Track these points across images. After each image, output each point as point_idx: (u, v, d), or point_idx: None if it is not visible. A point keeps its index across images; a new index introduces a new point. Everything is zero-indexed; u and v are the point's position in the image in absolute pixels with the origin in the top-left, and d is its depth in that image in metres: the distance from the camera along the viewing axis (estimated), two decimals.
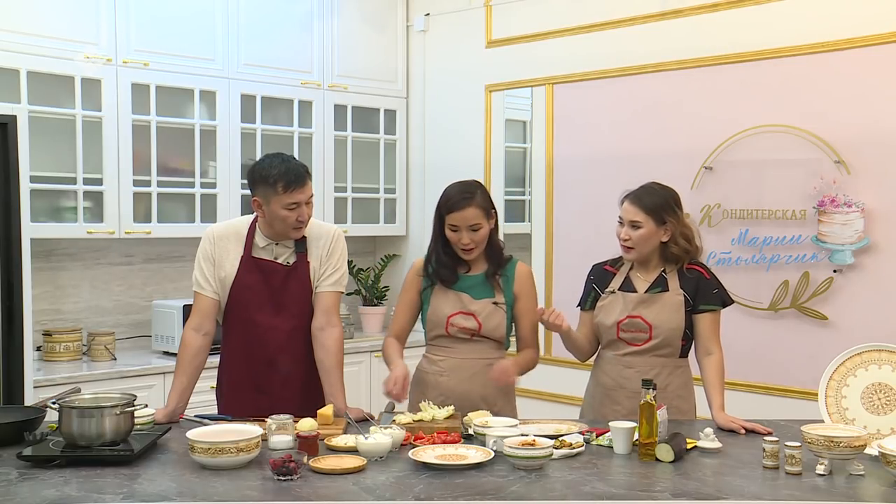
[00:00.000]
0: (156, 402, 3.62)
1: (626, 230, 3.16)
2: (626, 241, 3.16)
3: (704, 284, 3.18)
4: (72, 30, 4.39)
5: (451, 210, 3.16)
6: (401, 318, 3.36)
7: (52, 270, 4.67)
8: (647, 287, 3.19)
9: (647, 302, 3.17)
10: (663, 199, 3.16)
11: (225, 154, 4.94)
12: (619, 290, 3.22)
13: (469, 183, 3.26)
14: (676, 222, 3.17)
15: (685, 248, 3.18)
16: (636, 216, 3.13)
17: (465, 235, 3.16)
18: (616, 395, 3.18)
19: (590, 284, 3.32)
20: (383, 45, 5.65)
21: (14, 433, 2.72)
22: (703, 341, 3.17)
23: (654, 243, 3.17)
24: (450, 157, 5.57)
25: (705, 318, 3.17)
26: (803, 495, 2.33)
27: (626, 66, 4.75)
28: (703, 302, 3.17)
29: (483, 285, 3.25)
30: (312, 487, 2.35)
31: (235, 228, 3.25)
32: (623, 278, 3.25)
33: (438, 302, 3.25)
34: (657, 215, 3.13)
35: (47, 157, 4.38)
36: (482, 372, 3.19)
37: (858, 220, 4.01)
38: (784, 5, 4.23)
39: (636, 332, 3.17)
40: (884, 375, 2.86)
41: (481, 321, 3.21)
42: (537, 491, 2.36)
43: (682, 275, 3.19)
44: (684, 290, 3.16)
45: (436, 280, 3.26)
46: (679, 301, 3.15)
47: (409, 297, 3.34)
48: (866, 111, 4.01)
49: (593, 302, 3.29)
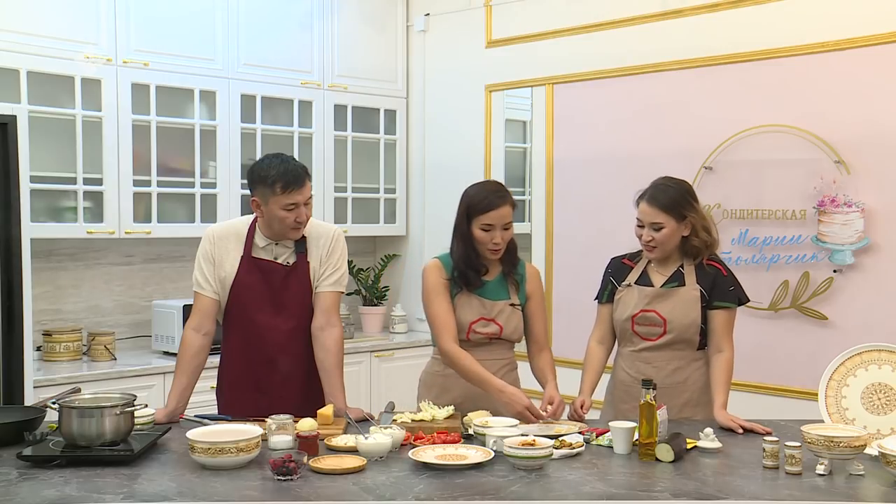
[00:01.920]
0: (156, 402, 3.62)
1: (648, 232, 3.13)
2: (650, 241, 3.14)
3: (721, 281, 3.17)
4: (72, 30, 4.39)
5: (488, 209, 3.11)
6: (451, 323, 3.15)
7: (52, 270, 4.67)
8: (664, 282, 3.18)
9: (662, 296, 3.16)
10: (680, 195, 3.14)
11: (225, 154, 4.94)
12: (635, 283, 3.22)
13: (495, 182, 3.26)
14: (696, 215, 3.15)
15: (706, 240, 3.16)
16: (656, 217, 3.11)
17: (498, 234, 3.12)
18: (635, 391, 3.16)
19: (607, 277, 3.31)
20: (383, 45, 5.65)
21: (14, 433, 2.72)
22: (716, 338, 3.16)
23: (677, 240, 3.15)
24: (450, 157, 5.57)
25: (719, 315, 3.16)
26: (803, 495, 2.33)
27: (626, 66, 4.75)
28: (718, 298, 3.15)
29: (499, 286, 3.23)
30: (312, 487, 2.35)
31: (235, 228, 3.25)
32: (640, 272, 3.24)
33: (461, 308, 3.19)
34: (677, 213, 3.11)
35: (47, 157, 4.38)
36: (499, 373, 3.17)
37: (858, 220, 4.01)
38: (784, 5, 4.23)
39: (651, 327, 3.16)
40: (884, 375, 2.86)
41: (502, 324, 3.19)
42: (537, 491, 2.36)
43: (701, 269, 3.18)
44: (701, 286, 3.15)
45: (461, 284, 3.19)
46: (695, 296, 3.14)
47: (447, 300, 3.17)
48: (866, 111, 4.01)
49: (610, 295, 3.28)
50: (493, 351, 3.22)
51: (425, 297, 3.22)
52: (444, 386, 3.24)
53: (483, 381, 3.06)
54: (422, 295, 3.25)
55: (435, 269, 3.22)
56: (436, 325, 3.18)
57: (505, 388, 3.01)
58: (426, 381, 3.33)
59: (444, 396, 3.21)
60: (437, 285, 3.20)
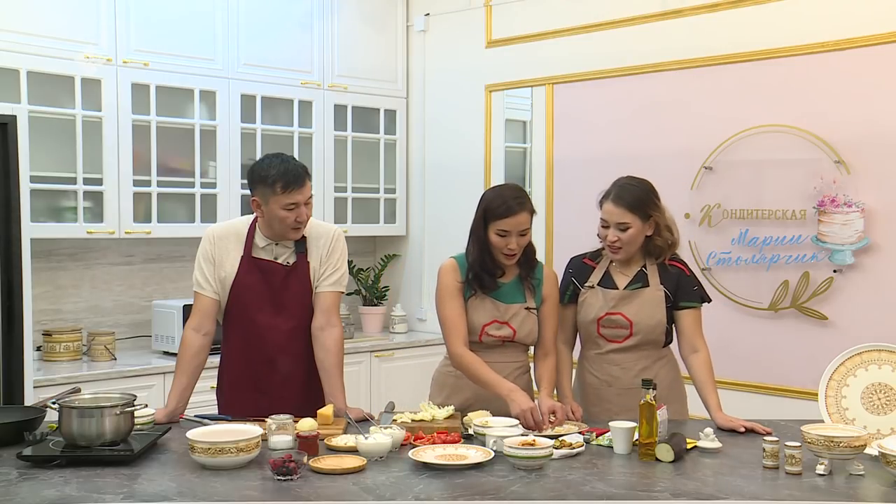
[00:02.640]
0: (156, 402, 3.62)
1: (614, 232, 3.10)
2: (615, 242, 3.11)
3: (685, 281, 3.17)
4: (72, 30, 4.39)
5: (505, 215, 3.06)
6: (462, 326, 3.13)
7: (52, 270, 4.67)
8: (628, 283, 3.17)
9: (627, 298, 3.15)
10: (644, 194, 3.12)
11: (225, 154, 4.94)
12: (598, 285, 3.20)
13: (516, 187, 3.20)
14: (660, 214, 3.14)
15: (668, 239, 3.15)
16: (623, 217, 3.08)
17: (513, 241, 3.09)
18: (605, 393, 3.17)
19: (568, 278, 3.27)
20: (383, 45, 5.65)
21: (14, 433, 2.72)
22: (688, 338, 3.16)
23: (641, 240, 3.14)
24: (450, 157, 5.58)
25: (688, 316, 3.15)
26: (803, 495, 2.33)
27: (626, 66, 4.75)
28: (683, 299, 3.15)
29: (515, 290, 3.20)
30: (312, 487, 2.35)
31: (235, 228, 3.25)
32: (602, 273, 3.22)
33: (474, 310, 3.16)
34: (642, 212, 3.10)
35: (47, 157, 4.38)
36: (511, 376, 3.15)
37: (858, 220, 4.02)
38: (784, 5, 4.23)
39: (616, 329, 3.15)
40: (884, 375, 2.86)
41: (516, 328, 3.17)
42: (537, 491, 2.36)
43: (664, 270, 3.17)
44: (665, 286, 3.15)
45: (476, 287, 3.17)
46: (660, 297, 3.14)
47: (460, 303, 3.14)
48: (866, 111, 4.01)
49: (572, 296, 3.25)
50: (506, 354, 3.21)
51: (438, 299, 3.20)
52: (457, 386, 3.22)
53: (490, 385, 3.04)
54: (435, 295, 3.24)
55: (450, 270, 3.20)
56: (446, 328, 3.17)
57: (511, 393, 2.98)
58: (439, 380, 3.31)
59: (455, 397, 3.20)
60: (451, 287, 3.18)
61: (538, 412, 2.91)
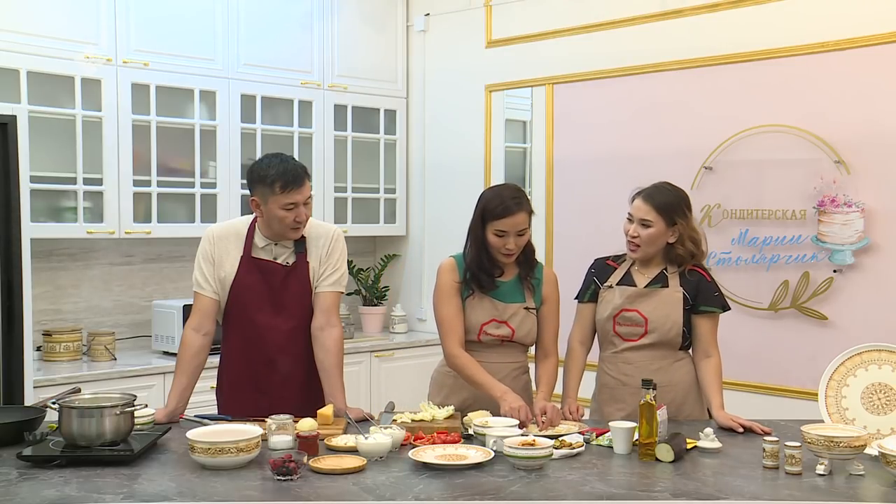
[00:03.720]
0: (156, 402, 3.61)
1: (636, 227, 3.14)
2: (635, 238, 3.14)
3: (706, 286, 3.17)
4: (72, 30, 4.39)
5: (502, 216, 3.07)
6: (458, 327, 3.14)
7: (52, 270, 4.67)
8: (647, 283, 3.19)
9: (644, 296, 3.16)
10: (675, 200, 3.15)
11: (225, 154, 4.94)
12: (617, 284, 3.22)
13: (514, 187, 3.20)
14: (686, 225, 3.15)
15: (691, 251, 3.16)
16: (647, 214, 3.11)
17: (511, 241, 3.10)
18: (619, 393, 3.18)
19: (590, 277, 3.30)
20: (383, 45, 5.65)
21: (14, 433, 2.72)
22: (703, 344, 3.17)
23: (661, 244, 3.15)
24: (450, 157, 5.58)
25: (705, 321, 3.16)
26: (803, 495, 2.33)
27: (626, 66, 4.75)
28: (703, 303, 3.16)
29: (514, 289, 3.20)
30: (312, 487, 2.35)
31: (235, 228, 3.25)
32: (623, 273, 3.24)
33: (473, 309, 3.17)
34: (668, 215, 3.12)
35: (47, 157, 4.38)
36: (509, 376, 3.17)
37: (858, 220, 4.02)
38: (784, 5, 4.23)
39: (632, 326, 3.16)
40: (884, 375, 2.86)
41: (514, 327, 3.17)
42: (537, 491, 2.36)
43: (684, 276, 3.18)
44: (684, 289, 3.16)
45: (474, 287, 3.17)
46: (678, 298, 3.14)
47: (457, 303, 3.16)
48: (866, 111, 4.01)
49: (592, 295, 3.27)
50: (505, 353, 3.21)
51: (435, 298, 3.21)
52: (456, 386, 3.22)
53: (484, 387, 3.05)
54: (433, 294, 3.24)
55: (449, 269, 3.21)
56: (442, 328, 3.17)
57: (505, 395, 2.99)
58: (438, 380, 3.31)
59: (453, 397, 3.20)
60: (448, 287, 3.18)
61: (527, 411, 2.91)
